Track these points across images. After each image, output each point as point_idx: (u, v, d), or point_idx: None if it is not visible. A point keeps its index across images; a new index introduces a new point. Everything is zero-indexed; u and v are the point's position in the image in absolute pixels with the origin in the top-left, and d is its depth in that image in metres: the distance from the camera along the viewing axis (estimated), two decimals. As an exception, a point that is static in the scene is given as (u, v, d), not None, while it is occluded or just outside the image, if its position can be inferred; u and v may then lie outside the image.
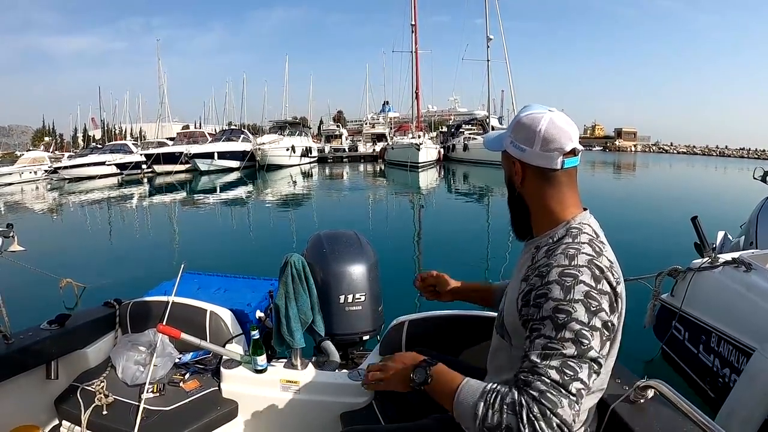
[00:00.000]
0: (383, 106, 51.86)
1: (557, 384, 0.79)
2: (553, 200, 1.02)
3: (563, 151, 0.98)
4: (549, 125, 0.98)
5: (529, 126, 1.00)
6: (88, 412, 1.70)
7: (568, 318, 0.83)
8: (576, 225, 0.99)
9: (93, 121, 67.95)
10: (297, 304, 1.75)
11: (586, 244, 0.93)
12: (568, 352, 0.82)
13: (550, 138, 0.98)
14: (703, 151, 67.85)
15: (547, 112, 1.00)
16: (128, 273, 6.10)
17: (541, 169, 1.00)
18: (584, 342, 0.83)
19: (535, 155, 0.99)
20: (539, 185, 1.02)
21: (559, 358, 0.82)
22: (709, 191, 18.49)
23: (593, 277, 0.88)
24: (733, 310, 2.51)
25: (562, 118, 1.00)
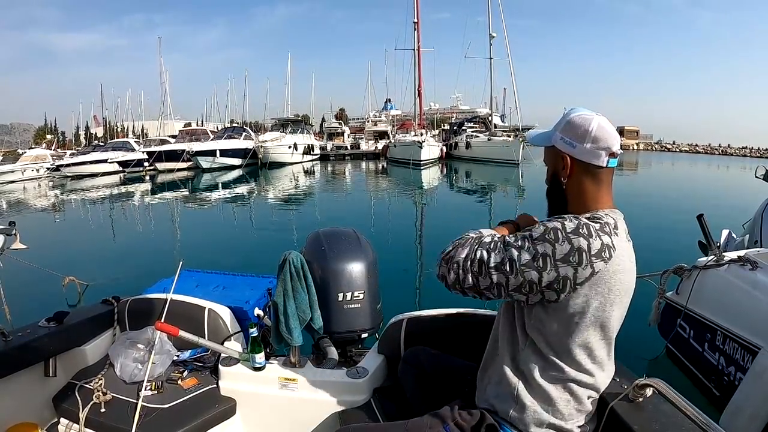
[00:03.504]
0: (385, 104, 51.80)
1: (479, 239, 1.10)
2: (592, 194, 1.11)
3: (610, 151, 1.08)
4: (599, 126, 1.08)
5: (581, 125, 1.09)
6: (87, 409, 1.70)
7: (545, 228, 1.02)
8: (600, 214, 1.08)
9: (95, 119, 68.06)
10: (295, 302, 1.73)
11: (596, 222, 1.05)
12: (509, 240, 1.05)
13: (600, 137, 1.07)
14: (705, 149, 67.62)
15: (595, 116, 1.10)
16: (130, 270, 6.10)
17: (587, 164, 1.09)
18: (519, 243, 1.03)
19: (585, 151, 1.09)
20: (583, 180, 1.11)
21: (516, 237, 1.05)
22: (711, 190, 18.44)
23: (575, 229, 1.01)
24: (739, 308, 2.49)
25: (608, 122, 1.11)
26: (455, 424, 1.15)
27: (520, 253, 1.01)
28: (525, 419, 1.10)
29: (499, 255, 1.03)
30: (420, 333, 1.76)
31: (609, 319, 1.08)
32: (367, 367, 1.77)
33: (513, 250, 1.02)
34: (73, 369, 1.93)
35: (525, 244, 1.02)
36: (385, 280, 2.09)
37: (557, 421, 1.10)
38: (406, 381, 1.56)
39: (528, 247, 1.01)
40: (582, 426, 1.13)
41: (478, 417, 1.14)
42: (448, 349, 1.62)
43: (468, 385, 1.30)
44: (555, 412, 1.09)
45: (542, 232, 1.02)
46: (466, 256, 1.06)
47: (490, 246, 1.05)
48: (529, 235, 1.03)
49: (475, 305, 1.81)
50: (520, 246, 1.02)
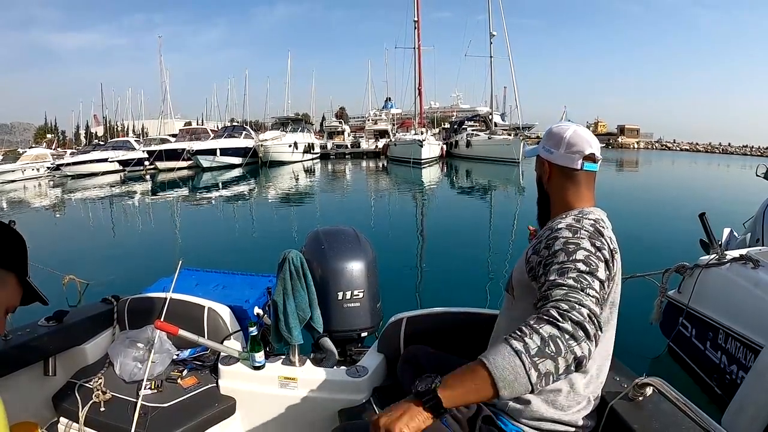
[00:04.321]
0: (386, 103, 51.81)
1: (575, 288, 0.90)
2: (571, 195, 1.20)
3: (583, 154, 1.19)
4: (573, 133, 1.21)
5: (558, 133, 1.23)
6: (86, 408, 1.69)
7: (577, 247, 0.99)
8: (587, 211, 1.15)
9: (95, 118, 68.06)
10: (295, 301, 1.73)
11: (591, 221, 1.09)
12: (581, 267, 0.94)
13: (573, 143, 1.20)
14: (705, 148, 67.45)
15: (572, 125, 1.24)
16: (130, 269, 6.10)
17: (564, 168, 1.21)
18: (593, 262, 0.96)
19: (561, 156, 1.21)
20: (562, 182, 1.22)
21: (574, 272, 0.93)
22: (712, 188, 18.41)
23: (596, 231, 1.06)
24: (741, 306, 2.48)
25: (584, 130, 1.23)
26: (452, 417, 1.15)
27: (600, 273, 0.96)
28: (524, 412, 1.10)
29: (597, 283, 0.93)
30: (419, 332, 1.75)
31: (614, 312, 1.12)
32: (366, 366, 1.76)
33: (598, 273, 0.95)
34: (72, 368, 1.93)
35: (594, 262, 0.96)
36: (385, 279, 2.09)
37: (557, 413, 1.10)
38: (406, 379, 1.55)
39: (597, 265, 0.97)
40: (582, 419, 1.13)
41: (475, 409, 1.15)
42: (448, 348, 1.61)
43: None
44: (555, 404, 1.10)
45: (590, 241, 1.01)
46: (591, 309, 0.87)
47: (583, 282, 0.92)
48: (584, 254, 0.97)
49: (475, 304, 1.81)
50: (594, 266, 0.96)
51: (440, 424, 1.15)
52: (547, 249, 1.03)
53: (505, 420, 1.13)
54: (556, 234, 1.05)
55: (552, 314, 0.84)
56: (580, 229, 1.04)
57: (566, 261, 0.96)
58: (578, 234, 1.02)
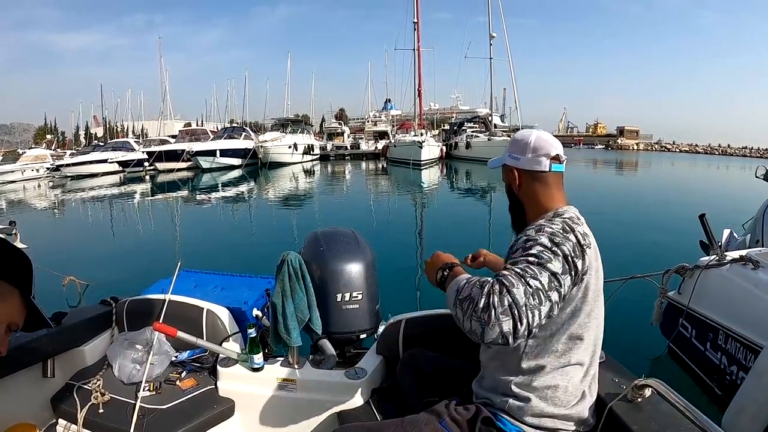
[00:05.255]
0: (385, 104, 51.82)
1: (518, 274, 0.96)
2: (544, 197, 1.23)
3: (549, 156, 1.22)
4: (537, 138, 1.25)
5: (522, 140, 1.27)
6: (85, 410, 1.69)
7: (533, 243, 1.04)
8: (561, 211, 1.18)
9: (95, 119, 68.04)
10: (294, 302, 1.72)
11: (561, 221, 1.13)
12: (531, 260, 0.99)
13: (538, 146, 1.23)
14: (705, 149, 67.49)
15: (535, 131, 1.29)
16: (130, 270, 6.09)
17: (533, 172, 1.23)
18: (544, 256, 1.00)
19: (528, 161, 1.24)
20: (532, 186, 1.24)
21: (523, 263, 0.99)
22: (711, 190, 18.41)
23: (561, 227, 1.09)
24: (741, 307, 2.48)
25: (546, 134, 1.28)
26: (451, 419, 1.16)
27: (552, 264, 1.00)
28: (524, 409, 1.11)
29: (545, 274, 0.98)
30: (418, 334, 1.75)
31: (598, 300, 1.14)
32: (365, 367, 1.76)
33: (548, 265, 1.00)
34: (71, 370, 1.92)
35: (546, 255, 1.01)
36: (384, 281, 2.08)
37: (557, 409, 1.11)
38: (405, 382, 1.55)
39: (550, 257, 1.01)
40: (581, 413, 1.14)
41: (474, 411, 1.16)
42: (447, 350, 1.61)
43: (466, 386, 1.30)
44: (554, 399, 1.11)
45: (548, 237, 1.06)
46: (524, 292, 0.93)
47: (528, 272, 0.97)
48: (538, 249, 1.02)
49: None
50: (546, 259, 1.00)
51: (439, 426, 1.15)
52: (514, 247, 1.10)
53: (504, 420, 1.13)
54: (523, 235, 1.11)
55: (490, 285, 0.94)
56: (545, 227, 1.09)
57: (521, 256, 1.02)
58: (540, 232, 1.07)
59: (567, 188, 1.27)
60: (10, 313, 0.85)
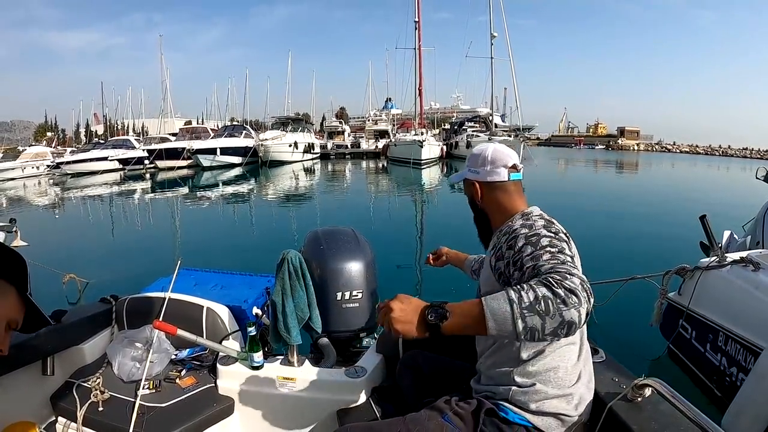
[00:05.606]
0: (386, 103, 51.84)
1: (557, 263, 0.97)
2: (507, 204, 1.29)
3: (507, 166, 1.30)
4: (493, 150, 1.32)
5: (479, 154, 1.34)
6: (84, 408, 1.69)
7: (538, 237, 1.07)
8: (528, 211, 1.25)
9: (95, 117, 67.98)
10: (294, 301, 1.72)
11: (537, 216, 1.20)
12: (551, 250, 1.02)
13: (495, 158, 1.30)
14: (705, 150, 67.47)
15: (490, 144, 1.37)
16: (130, 268, 6.09)
17: (493, 183, 1.30)
18: (557, 244, 1.05)
19: (487, 173, 1.31)
20: (494, 196, 1.31)
21: (547, 254, 1.01)
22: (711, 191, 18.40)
23: (547, 221, 1.16)
24: (742, 309, 2.48)
25: (501, 146, 1.35)
26: (454, 413, 1.16)
27: (562, 245, 1.06)
28: (528, 395, 1.12)
29: (569, 259, 1.01)
30: None
31: None
32: (365, 366, 1.76)
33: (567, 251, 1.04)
34: (71, 368, 1.92)
35: (558, 243, 1.06)
36: (385, 280, 2.08)
37: (559, 391, 1.12)
38: (404, 383, 1.55)
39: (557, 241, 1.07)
40: (580, 392, 1.16)
41: (476, 404, 1.17)
42: (446, 349, 1.61)
43: (466, 384, 1.30)
44: (555, 381, 1.12)
45: (546, 229, 1.11)
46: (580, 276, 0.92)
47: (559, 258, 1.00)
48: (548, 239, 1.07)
49: None
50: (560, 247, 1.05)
51: (442, 421, 1.15)
52: (511, 249, 1.10)
53: (507, 409, 1.14)
54: (515, 234, 1.13)
55: (549, 280, 0.89)
56: (534, 224, 1.13)
57: (535, 250, 1.03)
58: (534, 227, 1.12)
59: (568, 188, 1.28)
60: (7, 311, 0.85)
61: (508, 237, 1.14)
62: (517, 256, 1.06)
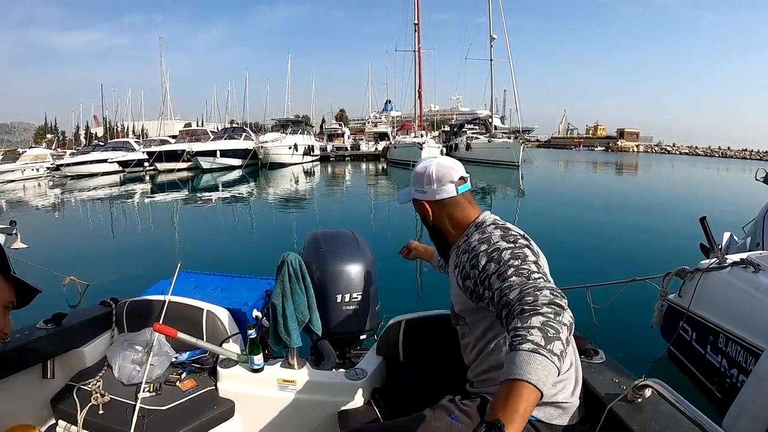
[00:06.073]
0: (386, 105, 51.87)
1: (523, 282, 0.96)
2: (460, 218, 1.27)
3: (454, 181, 1.27)
4: (436, 167, 1.28)
5: (423, 173, 1.29)
6: (85, 411, 1.68)
7: (499, 251, 1.07)
8: (480, 219, 1.24)
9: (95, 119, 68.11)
10: (294, 304, 1.72)
11: (491, 226, 1.19)
12: (514, 263, 1.02)
13: (440, 176, 1.27)
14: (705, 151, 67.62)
15: (433, 160, 1.31)
16: (130, 270, 6.08)
17: (442, 201, 1.27)
18: (518, 254, 1.04)
19: (434, 192, 1.27)
20: (446, 212, 1.28)
21: (511, 269, 1.00)
22: (711, 192, 18.42)
23: (502, 230, 1.15)
24: (742, 310, 2.48)
25: (444, 160, 1.31)
26: (460, 411, 1.17)
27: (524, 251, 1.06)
28: None
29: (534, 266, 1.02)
30: (418, 335, 1.75)
31: None
32: (365, 368, 1.75)
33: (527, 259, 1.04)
34: (71, 371, 1.91)
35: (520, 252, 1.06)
36: (385, 281, 2.08)
37: (555, 389, 1.13)
38: (404, 388, 1.55)
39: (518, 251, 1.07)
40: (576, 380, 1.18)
41: (479, 401, 1.18)
42: (446, 351, 1.61)
43: (464, 387, 1.30)
44: None
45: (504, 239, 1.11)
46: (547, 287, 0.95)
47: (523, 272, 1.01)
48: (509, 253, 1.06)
49: None
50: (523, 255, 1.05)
51: (449, 419, 1.15)
52: (475, 268, 1.09)
53: None
54: (475, 252, 1.11)
55: (527, 309, 0.89)
56: (490, 237, 1.12)
57: (499, 267, 1.03)
58: (491, 241, 1.11)
59: (568, 191, 1.27)
60: (2, 295, 0.87)
61: (469, 255, 1.13)
62: (483, 275, 1.06)
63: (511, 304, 0.94)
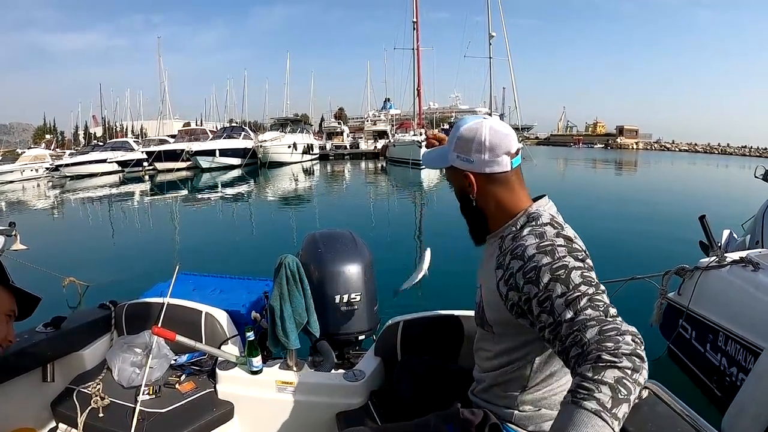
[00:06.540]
0: (385, 103, 51.91)
1: (600, 317, 0.81)
2: (508, 199, 1.07)
3: (510, 153, 1.05)
4: (491, 132, 1.04)
5: (471, 137, 1.05)
6: (85, 414, 1.69)
7: (567, 270, 0.88)
8: (534, 211, 1.04)
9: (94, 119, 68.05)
10: (291, 306, 1.72)
11: (549, 225, 0.99)
12: (587, 290, 0.85)
13: (496, 144, 1.04)
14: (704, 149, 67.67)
15: (483, 121, 1.06)
16: (130, 271, 6.09)
17: (491, 175, 1.05)
18: (588, 277, 0.88)
19: (484, 163, 1.05)
20: (493, 190, 1.07)
21: (584, 299, 0.84)
22: (710, 189, 18.43)
23: (566, 239, 0.95)
24: (741, 309, 2.48)
25: (499, 123, 1.06)
26: (459, 423, 1.14)
27: (595, 276, 0.90)
28: (532, 418, 1.09)
29: (606, 297, 0.88)
30: (416, 336, 1.75)
31: None
32: (364, 369, 1.75)
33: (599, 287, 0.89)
34: (70, 374, 1.92)
35: (588, 275, 0.89)
36: (384, 282, 2.08)
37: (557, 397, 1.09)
38: (403, 389, 1.54)
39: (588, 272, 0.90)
40: None
41: (482, 416, 1.14)
42: (444, 352, 1.61)
43: (464, 389, 1.29)
44: (556, 403, 1.08)
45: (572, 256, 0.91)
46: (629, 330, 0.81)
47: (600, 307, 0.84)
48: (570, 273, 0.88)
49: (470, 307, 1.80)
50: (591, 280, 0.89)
51: (447, 430, 1.14)
52: (532, 284, 0.90)
53: (510, 429, 1.11)
54: (533, 265, 0.91)
55: (605, 358, 0.75)
56: (553, 246, 0.93)
57: (567, 291, 0.86)
58: (556, 253, 0.91)
59: (567, 188, 1.22)
60: (4, 304, 0.87)
61: (523, 264, 0.93)
62: (544, 296, 0.88)
63: (587, 345, 0.79)
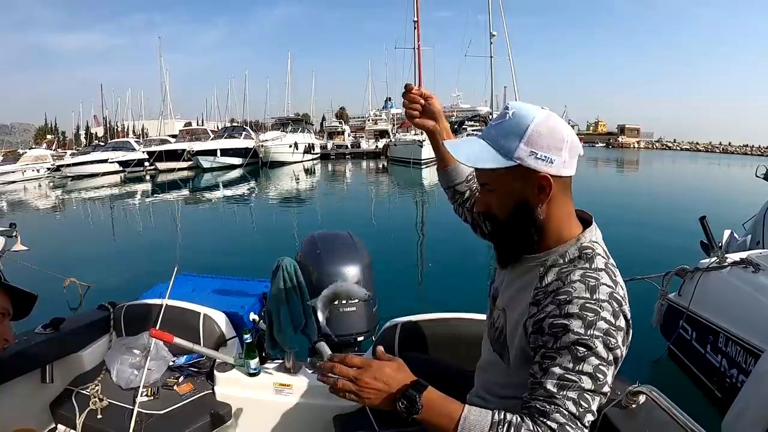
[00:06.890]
0: (386, 103, 51.80)
1: (574, 417, 0.77)
2: (567, 217, 0.92)
3: (580, 156, 0.89)
4: (566, 127, 0.87)
5: (555, 133, 0.85)
6: (83, 415, 1.69)
7: (588, 353, 0.79)
8: (588, 244, 0.89)
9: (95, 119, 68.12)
10: (289, 308, 1.72)
11: (604, 272, 0.85)
12: (586, 386, 0.78)
13: (575, 142, 0.86)
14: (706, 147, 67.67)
15: (547, 111, 0.87)
16: (131, 271, 6.10)
17: (564, 179, 0.88)
18: (600, 378, 0.79)
19: (563, 165, 0.85)
20: (562, 201, 0.89)
21: (576, 391, 0.78)
22: (711, 189, 18.40)
23: (613, 313, 0.81)
24: (742, 310, 2.48)
25: (560, 120, 0.89)
26: None
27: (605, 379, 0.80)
28: None
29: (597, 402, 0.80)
30: (414, 338, 1.74)
31: None
32: None
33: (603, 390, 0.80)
34: (69, 375, 1.92)
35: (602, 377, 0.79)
36: (384, 282, 2.08)
37: None
38: None
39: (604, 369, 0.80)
40: None
41: None
42: (443, 354, 1.60)
43: (463, 390, 1.29)
44: None
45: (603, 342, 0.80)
46: None
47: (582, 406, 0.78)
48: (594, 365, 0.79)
49: (470, 310, 1.79)
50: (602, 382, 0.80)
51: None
52: (551, 337, 0.81)
53: None
54: (565, 323, 0.80)
55: (543, 423, 0.76)
56: (597, 317, 0.80)
57: (570, 371, 0.78)
58: (592, 328, 0.79)
59: None
60: None
61: (558, 315, 0.81)
62: (551, 354, 0.81)
63: (542, 420, 0.77)
